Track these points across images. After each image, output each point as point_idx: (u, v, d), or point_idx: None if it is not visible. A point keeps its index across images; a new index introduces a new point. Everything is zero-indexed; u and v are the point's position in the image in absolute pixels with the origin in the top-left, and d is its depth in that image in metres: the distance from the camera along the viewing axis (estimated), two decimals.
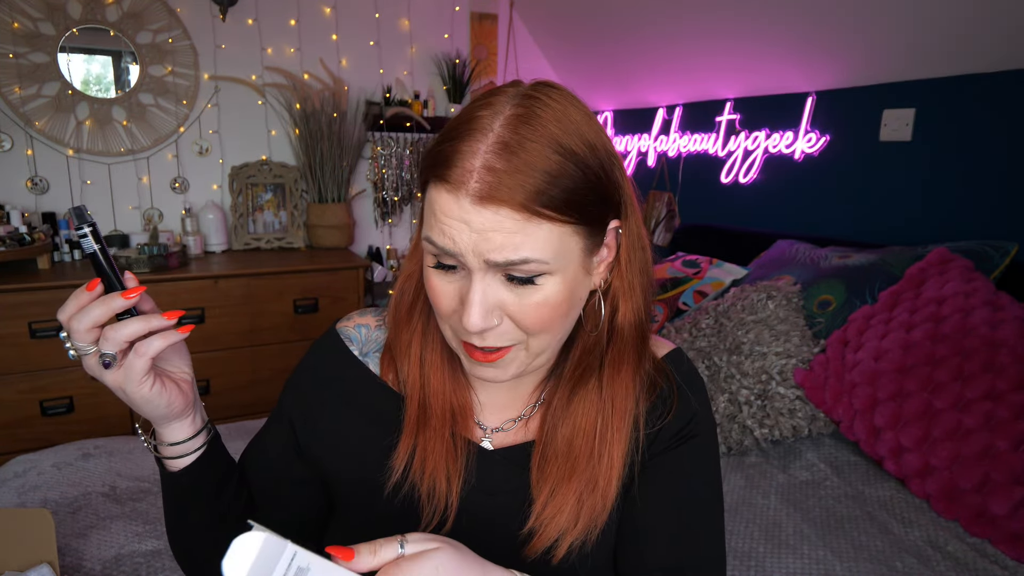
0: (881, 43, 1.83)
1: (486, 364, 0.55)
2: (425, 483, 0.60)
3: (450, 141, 0.49)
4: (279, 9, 2.53)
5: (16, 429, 1.96)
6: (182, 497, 0.61)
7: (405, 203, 2.89)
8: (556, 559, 0.58)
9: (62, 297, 2.08)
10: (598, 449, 0.59)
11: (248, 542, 0.39)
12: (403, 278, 0.64)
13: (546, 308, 0.52)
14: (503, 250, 0.48)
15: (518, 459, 0.62)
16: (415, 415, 0.62)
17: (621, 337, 0.60)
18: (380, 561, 0.43)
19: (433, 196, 0.51)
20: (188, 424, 0.58)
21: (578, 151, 0.49)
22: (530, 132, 0.48)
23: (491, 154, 0.47)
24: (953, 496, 1.19)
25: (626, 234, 0.57)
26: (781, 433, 1.44)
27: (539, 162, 0.47)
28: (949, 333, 1.33)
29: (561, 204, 0.48)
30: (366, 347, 0.68)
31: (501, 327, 0.53)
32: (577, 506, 0.58)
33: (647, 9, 2.34)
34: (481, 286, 0.50)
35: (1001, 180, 1.67)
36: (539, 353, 0.56)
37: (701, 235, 2.44)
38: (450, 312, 0.54)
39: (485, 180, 0.47)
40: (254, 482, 0.67)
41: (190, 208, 2.48)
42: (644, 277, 0.60)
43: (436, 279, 0.54)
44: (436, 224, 0.50)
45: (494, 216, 0.48)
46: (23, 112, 2.17)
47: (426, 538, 0.45)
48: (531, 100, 0.50)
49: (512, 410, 0.66)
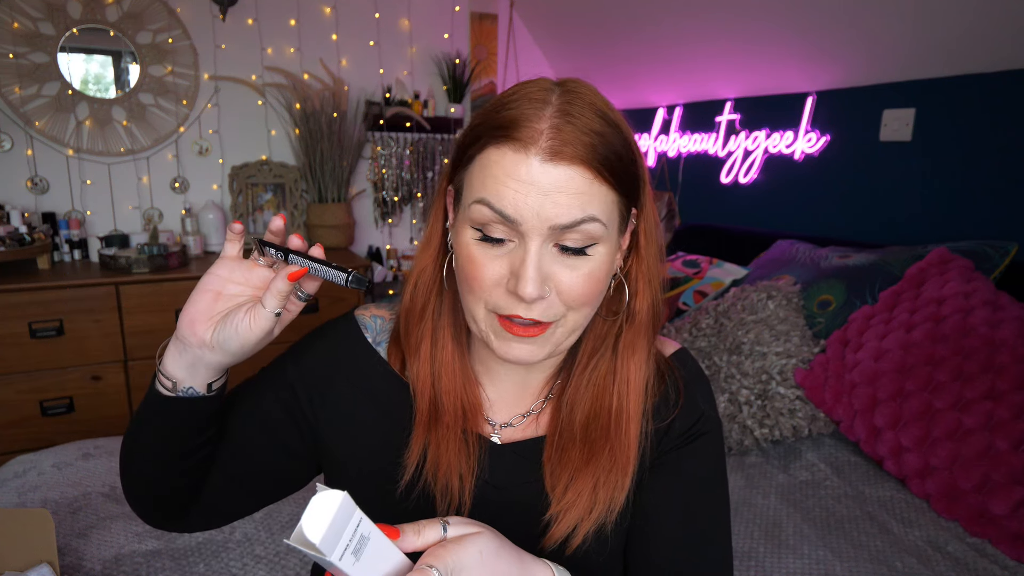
0: (881, 43, 1.83)
1: (524, 341, 0.55)
2: (439, 481, 0.60)
3: (509, 109, 0.51)
4: (279, 9, 2.53)
5: (16, 429, 1.96)
6: (177, 422, 0.57)
7: (405, 203, 2.89)
8: (572, 547, 0.58)
9: (62, 297, 2.09)
10: (615, 429, 0.59)
11: (329, 500, 0.39)
12: (416, 272, 0.63)
13: (592, 280, 0.54)
14: (571, 210, 0.50)
15: (528, 454, 0.63)
16: (427, 413, 0.62)
17: (638, 321, 0.61)
18: (424, 542, 0.44)
19: (494, 159, 0.51)
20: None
21: (620, 124, 0.53)
22: (581, 103, 0.51)
23: (556, 118, 0.50)
24: (953, 496, 1.19)
25: (644, 220, 0.59)
26: (781, 433, 1.44)
27: (595, 125, 0.51)
28: (949, 333, 1.33)
29: (615, 168, 0.52)
30: (379, 337, 0.68)
31: (548, 300, 0.53)
32: (594, 493, 0.58)
33: (647, 9, 2.34)
34: (537, 252, 0.51)
35: (1001, 180, 1.67)
36: (572, 331, 0.57)
37: (701, 235, 2.44)
38: (492, 285, 0.53)
39: (556, 138, 0.49)
40: (235, 437, 0.64)
41: (190, 208, 2.48)
42: (660, 263, 0.61)
43: (479, 252, 0.53)
44: (497, 187, 0.51)
45: (565, 172, 0.50)
46: (23, 112, 2.17)
47: (467, 522, 0.47)
48: (572, 83, 0.54)
49: (520, 406, 0.66)
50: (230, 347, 0.53)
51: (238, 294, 0.55)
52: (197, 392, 0.56)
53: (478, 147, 0.53)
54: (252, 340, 0.53)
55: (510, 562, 0.47)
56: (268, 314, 0.52)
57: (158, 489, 0.61)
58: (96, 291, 2.00)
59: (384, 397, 0.65)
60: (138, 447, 0.60)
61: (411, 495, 0.61)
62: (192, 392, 0.56)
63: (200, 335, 0.53)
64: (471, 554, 0.44)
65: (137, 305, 2.06)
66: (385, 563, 0.42)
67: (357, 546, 0.40)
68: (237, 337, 0.53)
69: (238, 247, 0.56)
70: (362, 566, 0.41)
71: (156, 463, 0.59)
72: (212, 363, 0.55)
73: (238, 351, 0.54)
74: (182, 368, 0.55)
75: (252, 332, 0.53)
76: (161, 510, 0.63)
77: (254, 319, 0.52)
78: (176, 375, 0.55)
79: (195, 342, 0.53)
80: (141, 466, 0.60)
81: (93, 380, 2.04)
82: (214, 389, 0.57)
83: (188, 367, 0.55)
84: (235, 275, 0.55)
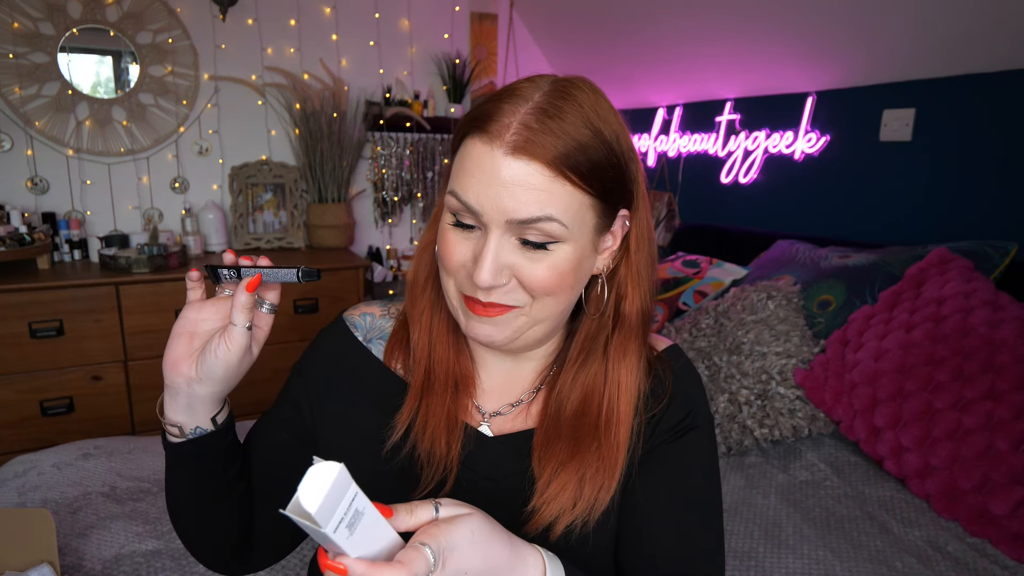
0: (881, 43, 1.83)
1: (484, 320, 0.57)
2: (424, 444, 0.61)
3: (491, 103, 0.54)
4: (279, 9, 2.53)
5: (16, 429, 1.96)
6: (211, 462, 0.61)
7: (405, 203, 2.89)
8: (552, 539, 0.59)
9: (62, 297, 2.09)
10: (604, 430, 0.60)
11: (325, 471, 0.39)
12: (421, 248, 0.67)
13: (555, 273, 0.55)
14: (528, 206, 0.51)
15: (518, 446, 0.63)
16: (421, 379, 0.64)
17: (628, 324, 0.61)
18: (417, 522, 0.45)
19: (468, 149, 0.54)
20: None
21: (605, 133, 0.53)
22: (566, 106, 0.52)
23: (529, 115, 0.51)
24: (953, 496, 1.19)
25: (636, 224, 0.60)
26: (781, 433, 1.44)
27: (571, 130, 0.51)
28: (949, 333, 1.33)
29: (586, 172, 0.52)
30: (370, 334, 0.70)
31: (507, 287, 0.55)
32: (579, 487, 0.59)
33: (647, 9, 2.34)
34: (495, 244, 0.53)
35: (1001, 180, 1.67)
36: (538, 321, 0.58)
37: (701, 235, 2.44)
38: (458, 267, 0.56)
39: (521, 134, 0.51)
40: (258, 458, 0.67)
41: (190, 208, 2.48)
42: (651, 268, 0.62)
43: (452, 235, 0.56)
44: (464, 177, 0.53)
45: (525, 168, 0.51)
46: (23, 112, 2.17)
47: (459, 504, 0.48)
48: (569, 84, 0.55)
49: (510, 395, 0.67)
50: (216, 374, 0.55)
51: (211, 329, 0.57)
52: (205, 430, 0.59)
53: (460, 136, 0.56)
54: (234, 361, 0.55)
55: (501, 544, 0.48)
56: (240, 330, 0.54)
57: (212, 536, 0.64)
58: (96, 291, 2.00)
59: (376, 392, 0.67)
60: (177, 503, 0.63)
61: (396, 457, 0.63)
62: (200, 431, 0.59)
63: (185, 373, 0.55)
64: (463, 534, 0.45)
65: (137, 305, 2.06)
66: (378, 539, 0.42)
67: (352, 520, 0.40)
68: (219, 362, 0.55)
69: (200, 291, 0.58)
70: (355, 540, 0.40)
71: (199, 512, 0.62)
72: (205, 396, 0.57)
73: (224, 376, 0.56)
74: (181, 412, 0.57)
75: (231, 352, 0.55)
76: (227, 557, 0.66)
77: (229, 339, 0.54)
78: (178, 420, 0.58)
79: (182, 381, 0.56)
80: (187, 519, 0.64)
81: (93, 380, 2.04)
82: (220, 423, 0.60)
83: (186, 408, 0.57)
84: (204, 313, 0.57)
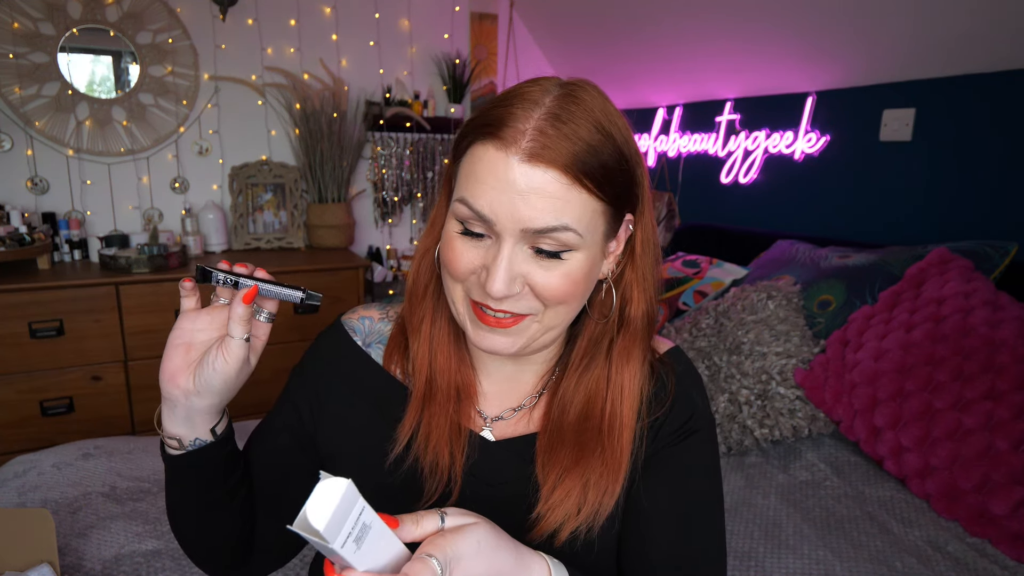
0: (881, 43, 1.83)
1: (497, 331, 0.56)
2: (428, 456, 0.61)
3: (501, 107, 0.52)
4: (279, 9, 2.53)
5: (16, 429, 1.96)
6: (211, 473, 0.61)
7: (405, 203, 2.89)
8: (557, 545, 0.58)
9: (62, 297, 2.09)
10: (608, 434, 0.60)
11: (333, 487, 0.39)
12: (419, 255, 0.65)
13: (568, 281, 0.54)
14: (544, 215, 0.50)
15: (521, 451, 0.63)
16: (422, 390, 0.63)
17: (632, 327, 0.61)
18: (423, 532, 0.45)
19: (478, 155, 0.52)
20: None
21: (616, 138, 0.53)
22: (577, 109, 0.51)
23: (544, 121, 0.50)
24: (953, 496, 1.19)
25: (641, 228, 0.59)
26: (781, 433, 1.44)
27: (585, 135, 0.50)
28: (949, 333, 1.33)
29: (600, 178, 0.51)
30: (369, 338, 0.69)
31: (520, 295, 0.54)
32: (583, 492, 0.58)
33: (647, 9, 2.34)
34: (509, 253, 0.52)
35: (1001, 180, 1.67)
36: (550, 328, 0.57)
37: (701, 235, 2.44)
38: (467, 274, 0.55)
39: (537, 140, 0.49)
40: (259, 463, 0.67)
41: (190, 208, 2.48)
42: (655, 271, 0.61)
43: (459, 243, 0.55)
44: (476, 185, 0.52)
45: (542, 176, 0.50)
46: (23, 112, 2.17)
47: (464, 513, 0.48)
48: (576, 88, 0.54)
49: (512, 399, 0.67)
50: (214, 386, 0.55)
51: (207, 340, 0.57)
52: (204, 441, 0.59)
53: (468, 141, 0.54)
54: (232, 373, 0.55)
55: (507, 553, 0.48)
56: (238, 342, 0.54)
57: (213, 544, 0.64)
58: (96, 291, 2.00)
59: (375, 396, 0.66)
60: (177, 512, 0.63)
61: (399, 469, 0.62)
62: (200, 443, 0.58)
63: (183, 386, 0.55)
64: (469, 544, 0.44)
65: (137, 305, 2.06)
66: (385, 552, 0.43)
67: (359, 534, 0.40)
68: (216, 374, 0.54)
69: (194, 300, 0.57)
70: (363, 554, 0.41)
71: (199, 520, 0.62)
72: (203, 408, 0.56)
73: (222, 388, 0.55)
74: (180, 424, 0.57)
75: (229, 364, 0.54)
76: (226, 562, 0.66)
77: (227, 352, 0.54)
78: (177, 432, 0.57)
79: (180, 394, 0.55)
80: (186, 527, 0.64)
81: (93, 380, 2.04)
82: (219, 433, 0.60)
83: (185, 421, 0.57)
84: (199, 324, 0.57)
